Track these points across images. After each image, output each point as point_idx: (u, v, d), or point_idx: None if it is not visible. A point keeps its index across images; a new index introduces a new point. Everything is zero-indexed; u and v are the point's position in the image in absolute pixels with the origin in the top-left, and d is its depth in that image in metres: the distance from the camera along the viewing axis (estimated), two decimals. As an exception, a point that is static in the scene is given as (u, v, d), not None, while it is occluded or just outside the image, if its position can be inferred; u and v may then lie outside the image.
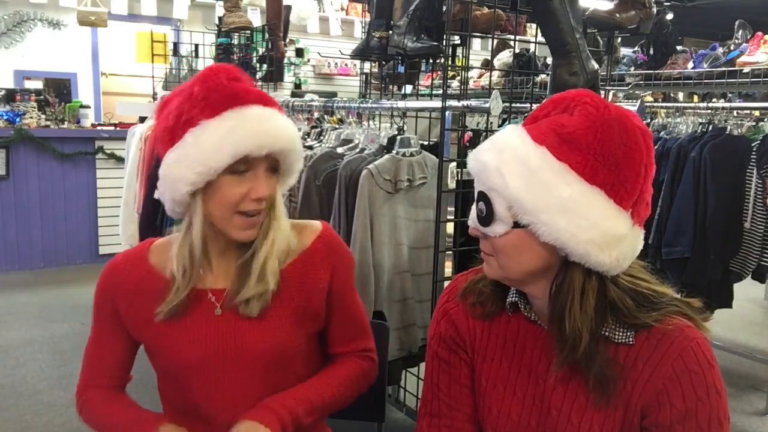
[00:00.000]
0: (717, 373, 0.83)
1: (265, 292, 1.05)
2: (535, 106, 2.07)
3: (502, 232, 0.84)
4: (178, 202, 1.02)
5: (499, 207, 0.83)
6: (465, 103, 1.86)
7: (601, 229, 0.79)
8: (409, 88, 3.12)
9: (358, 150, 2.16)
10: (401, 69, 2.57)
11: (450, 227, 1.95)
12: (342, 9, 6.62)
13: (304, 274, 1.12)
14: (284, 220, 1.11)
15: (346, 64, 6.63)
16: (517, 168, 0.82)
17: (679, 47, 3.14)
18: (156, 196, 1.06)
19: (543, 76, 2.85)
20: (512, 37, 2.26)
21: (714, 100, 4.02)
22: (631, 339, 0.85)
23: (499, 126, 2.23)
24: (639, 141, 0.82)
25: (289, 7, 3.90)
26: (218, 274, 1.10)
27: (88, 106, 5.13)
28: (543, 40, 1.92)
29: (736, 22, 2.92)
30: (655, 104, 3.85)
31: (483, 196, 0.86)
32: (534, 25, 2.18)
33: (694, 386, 0.81)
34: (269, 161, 1.03)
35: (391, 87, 2.88)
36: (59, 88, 5.29)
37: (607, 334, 0.85)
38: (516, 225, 0.83)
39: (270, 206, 1.07)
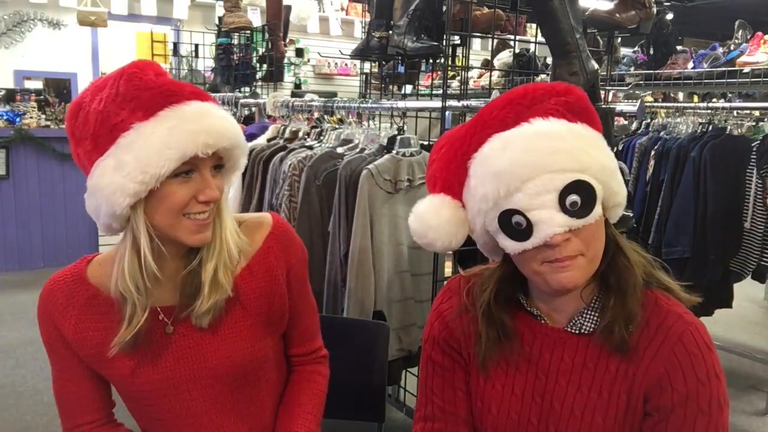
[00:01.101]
0: (716, 357, 0.84)
1: (219, 301, 0.98)
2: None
3: (602, 211, 0.82)
4: (117, 217, 0.90)
5: (597, 186, 0.80)
6: (465, 103, 1.87)
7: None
8: (409, 88, 3.12)
9: (358, 150, 2.16)
10: (401, 69, 2.58)
11: (450, 227, 1.94)
12: (342, 9, 6.62)
13: (260, 278, 1.05)
14: (230, 221, 1.02)
15: (346, 64, 6.63)
16: (587, 143, 0.82)
17: (679, 47, 3.14)
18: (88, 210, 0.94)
19: (543, 76, 2.85)
20: (512, 37, 2.26)
21: (714, 100, 4.02)
22: (630, 326, 0.86)
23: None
24: None
25: (289, 7, 3.91)
26: (165, 289, 1.00)
27: (88, 106, 5.13)
28: (543, 40, 1.92)
29: (736, 22, 2.92)
30: (655, 104, 3.85)
31: (576, 186, 0.78)
32: (534, 25, 2.18)
33: (695, 369, 0.82)
34: (214, 159, 0.94)
35: (391, 87, 2.88)
36: (59, 88, 5.29)
37: None
38: None
39: (215, 206, 0.97)
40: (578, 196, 0.78)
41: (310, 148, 2.30)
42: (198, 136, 0.88)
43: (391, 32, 2.25)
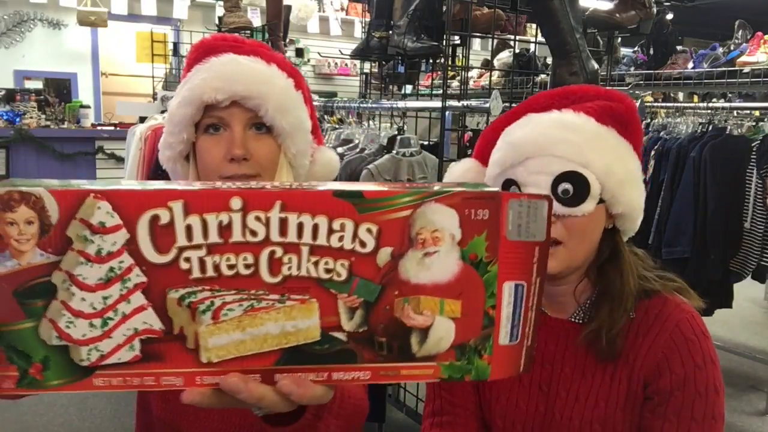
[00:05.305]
0: (711, 343, 0.89)
1: None
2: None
3: (593, 209, 0.85)
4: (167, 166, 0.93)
5: (594, 183, 0.84)
6: (465, 103, 1.87)
7: (643, 200, 0.90)
8: (409, 88, 3.12)
9: (358, 150, 2.16)
10: (401, 69, 2.58)
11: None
12: (342, 9, 6.63)
13: None
14: None
15: (346, 64, 6.63)
16: (602, 144, 0.85)
17: (679, 47, 3.14)
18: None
19: (543, 76, 2.85)
20: (512, 37, 2.26)
21: (714, 100, 4.02)
22: (631, 313, 0.90)
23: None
24: None
25: (289, 7, 3.90)
26: None
27: (88, 106, 5.14)
28: (543, 40, 1.92)
29: (736, 22, 2.92)
30: (655, 104, 3.85)
31: (571, 176, 0.83)
32: (534, 25, 2.18)
33: (691, 354, 0.87)
34: (248, 116, 0.86)
35: (391, 87, 2.88)
36: (59, 88, 5.29)
37: None
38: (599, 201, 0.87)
39: (265, 174, 0.89)
40: (571, 185, 0.83)
41: (310, 148, 2.29)
42: (209, 81, 0.85)
43: (391, 32, 2.26)
